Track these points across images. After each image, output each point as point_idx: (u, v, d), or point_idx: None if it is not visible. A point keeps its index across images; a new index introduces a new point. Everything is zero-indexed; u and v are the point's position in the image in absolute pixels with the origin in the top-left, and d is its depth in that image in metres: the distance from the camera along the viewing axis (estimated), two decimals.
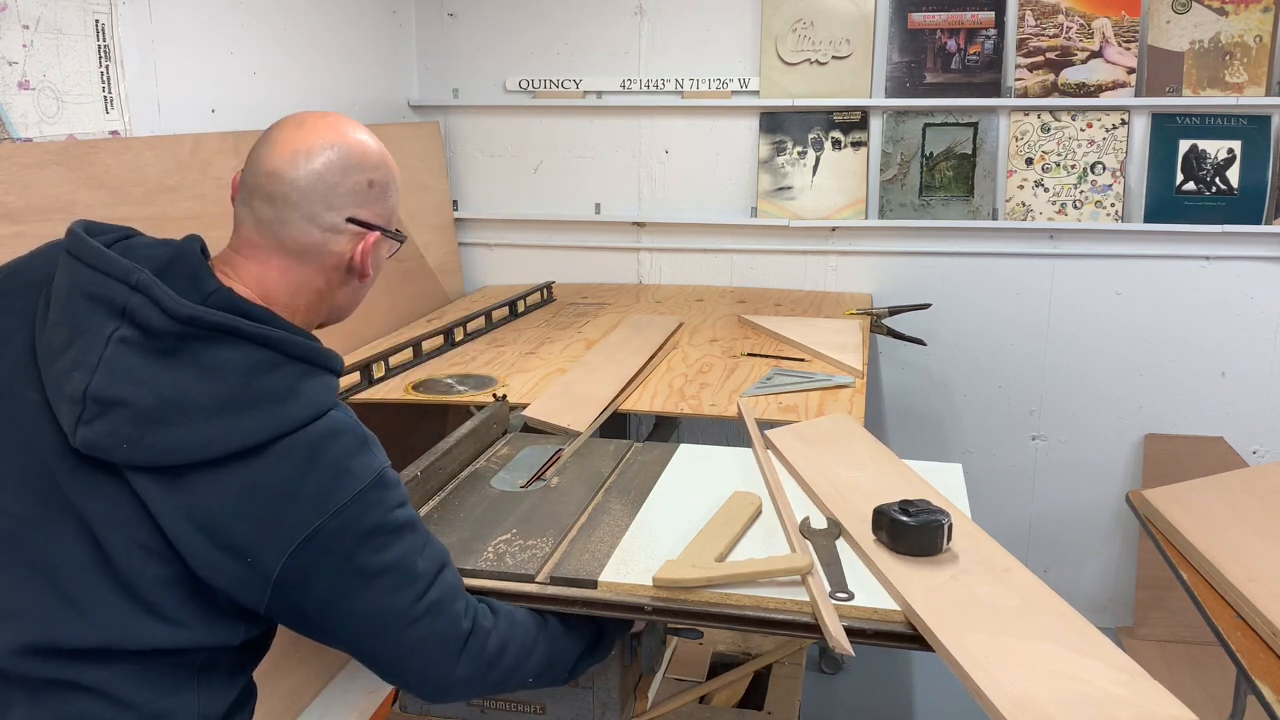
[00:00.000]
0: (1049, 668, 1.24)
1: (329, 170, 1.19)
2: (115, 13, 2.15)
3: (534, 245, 3.62)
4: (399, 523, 1.19)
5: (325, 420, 1.16)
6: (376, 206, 1.24)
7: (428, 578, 1.22)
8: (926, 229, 3.35)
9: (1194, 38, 3.11)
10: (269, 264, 1.20)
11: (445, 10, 3.53)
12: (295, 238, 1.19)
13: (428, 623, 1.22)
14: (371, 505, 1.16)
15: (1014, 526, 3.49)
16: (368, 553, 1.16)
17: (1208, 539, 1.84)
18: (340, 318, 1.34)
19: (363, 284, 1.29)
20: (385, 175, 1.25)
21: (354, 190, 1.21)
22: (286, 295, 1.22)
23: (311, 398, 1.16)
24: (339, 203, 1.20)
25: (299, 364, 1.16)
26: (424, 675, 1.25)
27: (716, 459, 1.93)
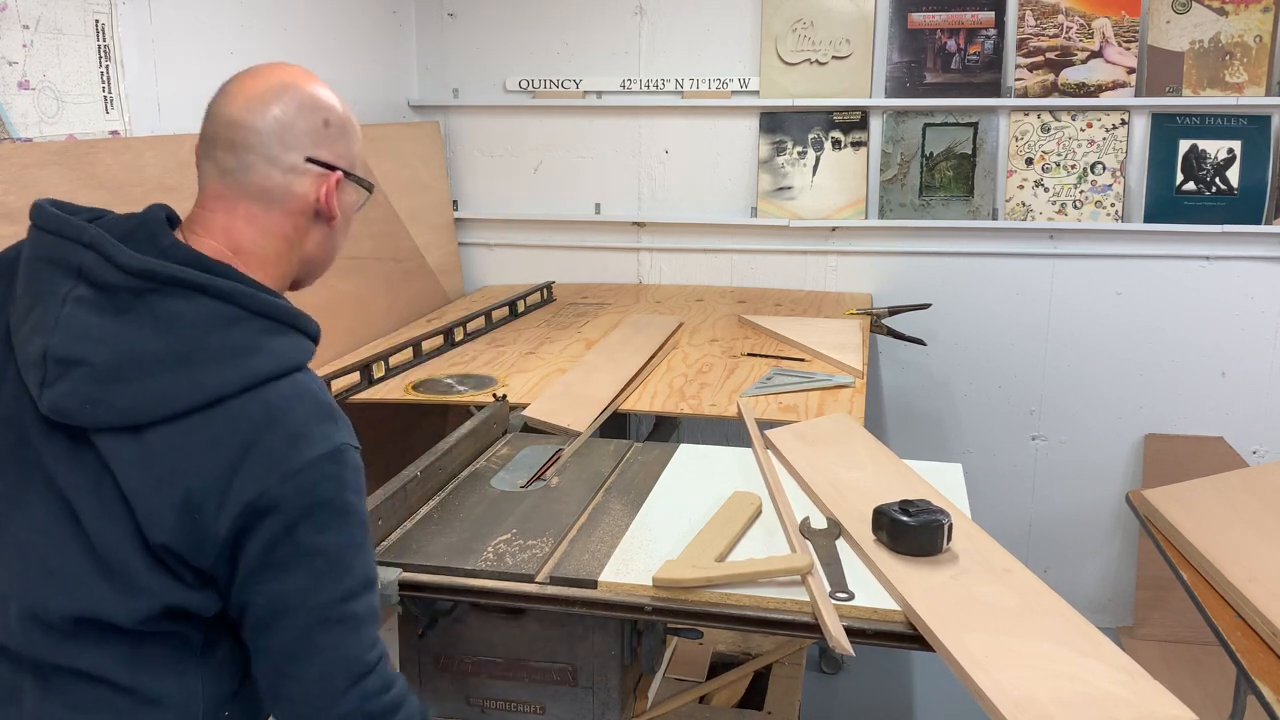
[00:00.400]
0: (1049, 668, 1.24)
1: (284, 112, 1.19)
2: (115, 13, 2.15)
3: (534, 245, 3.62)
4: (348, 507, 1.13)
5: (289, 381, 1.13)
6: (336, 147, 1.23)
7: (358, 582, 1.13)
8: (926, 229, 3.35)
9: (1194, 38, 3.11)
10: (235, 213, 1.19)
11: (445, 10, 3.53)
12: (258, 182, 1.18)
13: (338, 633, 1.12)
14: (326, 477, 1.11)
15: (1014, 526, 3.49)
16: (308, 528, 1.10)
17: (1208, 539, 1.84)
18: (315, 271, 1.30)
19: (332, 230, 1.26)
20: (341, 117, 1.24)
21: (310, 130, 1.20)
22: (254, 243, 1.20)
23: (276, 355, 1.13)
24: (296, 143, 1.19)
25: (262, 319, 1.14)
26: (306, 694, 1.12)
27: (716, 459, 1.93)
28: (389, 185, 3.15)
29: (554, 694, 1.60)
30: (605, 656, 1.57)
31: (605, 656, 1.57)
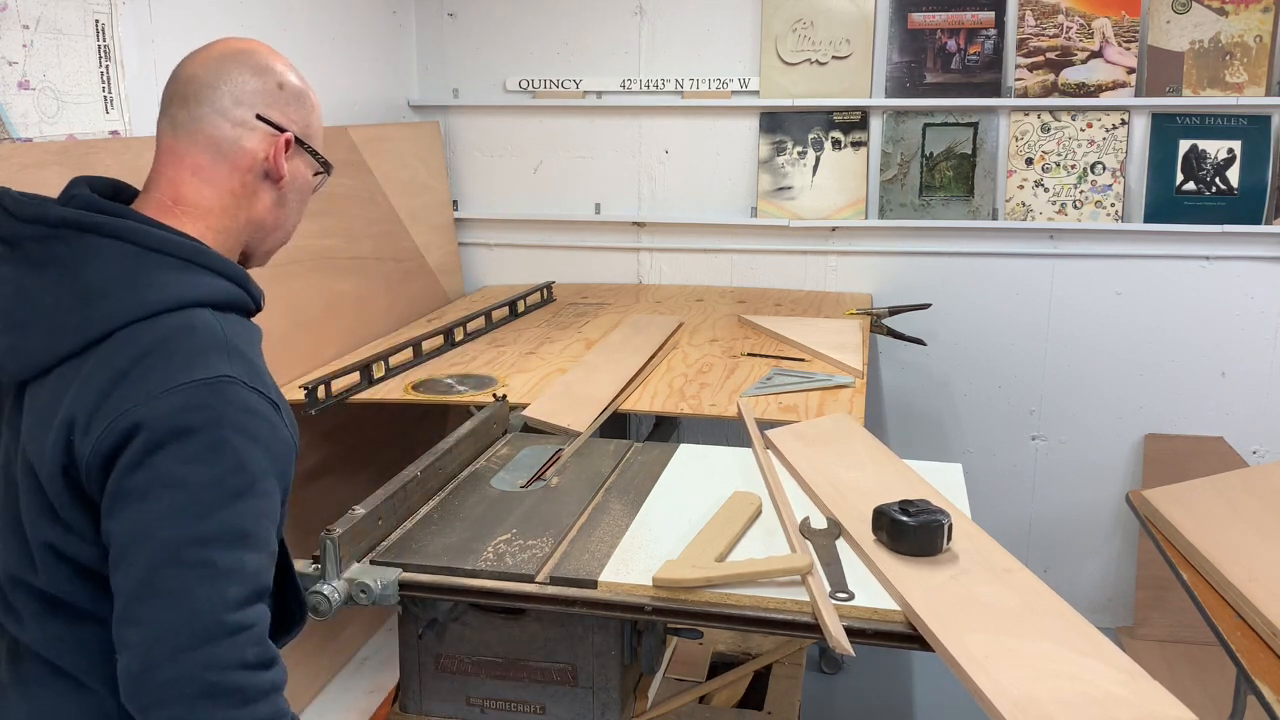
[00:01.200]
0: (1049, 668, 1.24)
1: (239, 69, 1.22)
2: (115, 13, 2.15)
3: (534, 245, 3.62)
4: (222, 444, 1.05)
5: (184, 314, 1.10)
6: (289, 111, 1.24)
7: (224, 530, 1.04)
8: (926, 229, 3.35)
9: (1194, 38, 3.11)
10: (182, 164, 1.20)
11: (445, 10, 3.53)
12: (208, 133, 1.20)
13: (189, 578, 1.02)
14: (198, 404, 1.05)
15: (1014, 526, 3.49)
16: (170, 455, 1.04)
17: (1208, 539, 1.84)
18: (265, 241, 1.28)
19: (281, 194, 1.25)
20: (297, 88, 1.25)
21: (264, 90, 1.22)
22: (197, 194, 1.20)
23: (171, 288, 1.11)
24: (248, 100, 1.21)
25: (160, 255, 1.13)
26: (145, 643, 1.01)
27: (716, 459, 1.93)
28: (389, 185, 3.15)
29: (554, 694, 1.60)
30: (605, 656, 1.58)
31: (605, 656, 1.58)
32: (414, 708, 1.66)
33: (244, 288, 1.19)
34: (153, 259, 1.12)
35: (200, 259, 1.15)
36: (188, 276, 1.13)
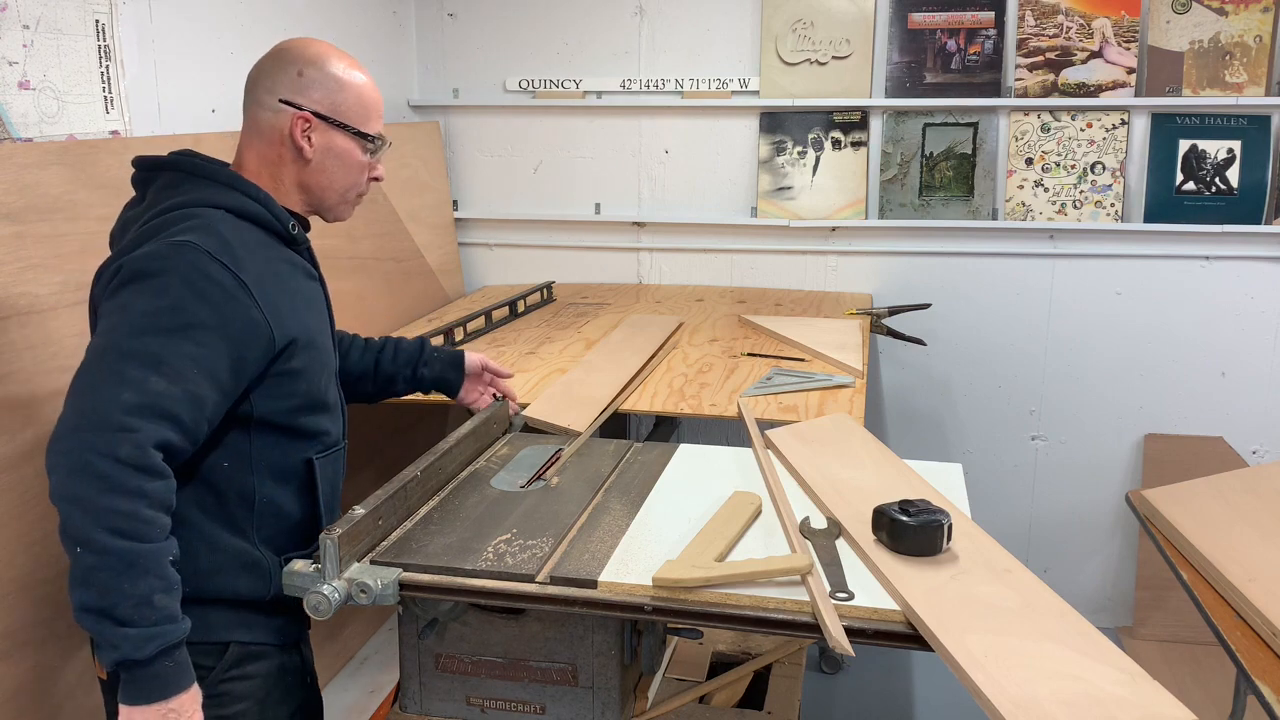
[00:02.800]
0: (1049, 668, 1.24)
1: (270, 64, 1.54)
2: (115, 13, 2.15)
3: (534, 245, 3.62)
4: (165, 286, 1.33)
5: (194, 209, 1.42)
6: (311, 93, 1.52)
7: (142, 350, 1.30)
8: (926, 229, 3.35)
9: (1194, 38, 3.11)
10: (246, 140, 1.56)
11: (445, 10, 3.53)
12: (253, 117, 1.54)
13: (96, 378, 1.29)
14: (160, 255, 1.35)
15: (1014, 526, 3.49)
16: (128, 289, 1.34)
17: (1208, 539, 1.84)
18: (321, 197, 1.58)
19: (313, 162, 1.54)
20: (317, 71, 1.52)
21: (286, 79, 1.52)
22: (250, 161, 1.55)
23: (200, 194, 1.44)
24: (275, 88, 1.52)
25: (200, 179, 1.47)
26: (60, 419, 1.27)
27: (716, 459, 1.93)
28: (389, 185, 3.15)
29: (554, 694, 1.60)
30: (605, 656, 1.58)
31: (605, 656, 1.58)
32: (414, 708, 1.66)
33: (266, 206, 1.49)
34: (193, 182, 1.47)
35: (231, 182, 1.49)
36: (216, 190, 1.46)
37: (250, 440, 1.48)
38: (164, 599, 1.27)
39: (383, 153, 1.62)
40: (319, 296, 1.63)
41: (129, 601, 1.24)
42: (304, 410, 1.53)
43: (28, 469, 1.79)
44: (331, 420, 1.62)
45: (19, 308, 1.80)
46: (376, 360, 1.91)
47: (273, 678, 1.55)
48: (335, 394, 1.65)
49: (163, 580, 1.27)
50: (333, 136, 1.54)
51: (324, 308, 1.64)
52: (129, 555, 1.24)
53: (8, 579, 1.76)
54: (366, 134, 1.57)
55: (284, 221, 1.52)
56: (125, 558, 1.24)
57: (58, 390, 1.82)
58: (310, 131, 1.52)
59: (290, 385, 1.49)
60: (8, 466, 1.76)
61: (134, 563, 1.24)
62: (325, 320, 1.63)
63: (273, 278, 1.47)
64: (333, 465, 1.62)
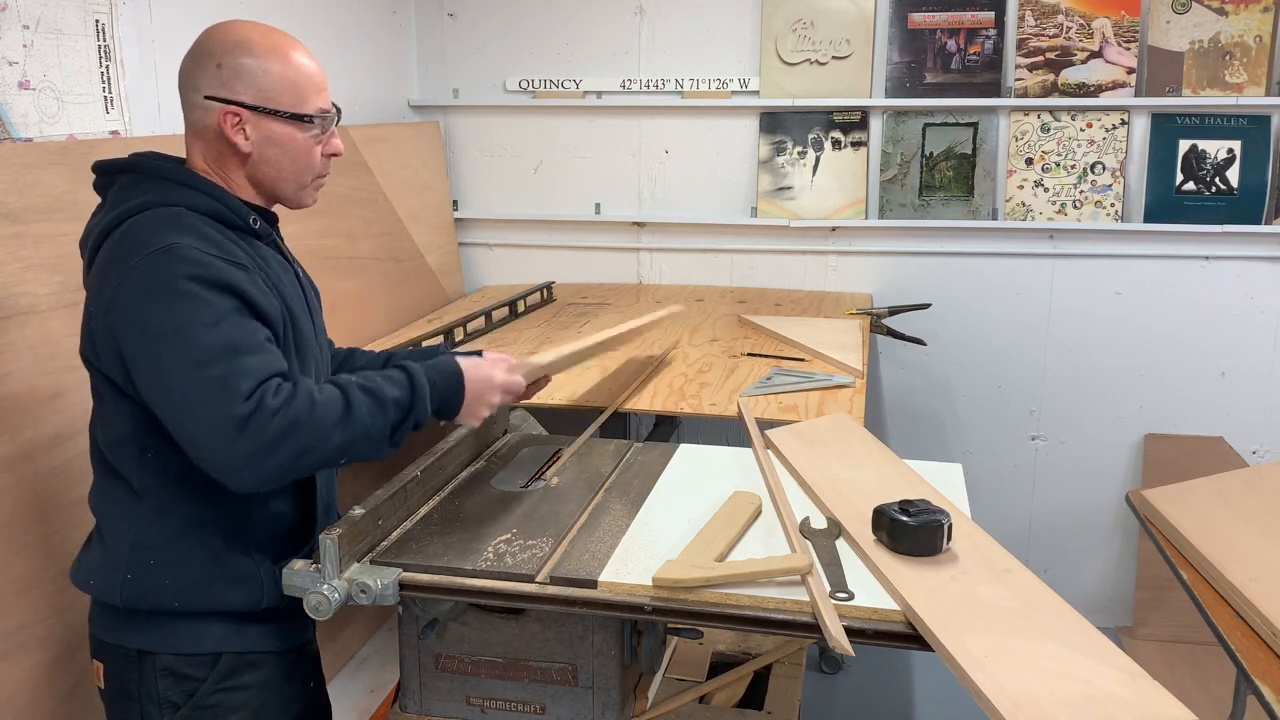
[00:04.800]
0: (1049, 668, 1.24)
1: (190, 62, 1.46)
2: (115, 13, 2.15)
3: (534, 245, 3.62)
4: (183, 291, 1.31)
5: (153, 209, 1.38)
6: (233, 84, 1.43)
7: (211, 351, 1.30)
8: (926, 229, 3.35)
9: (1194, 38, 3.11)
10: (189, 141, 1.50)
11: (445, 10, 3.53)
12: (188, 118, 1.48)
13: (202, 394, 1.29)
14: (154, 269, 1.32)
15: (1014, 526, 3.49)
16: (151, 312, 1.31)
17: (1208, 539, 1.84)
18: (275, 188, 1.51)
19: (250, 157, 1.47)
20: (237, 60, 1.44)
21: (206, 73, 1.44)
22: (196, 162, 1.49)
23: (154, 195, 1.40)
24: (200, 85, 1.44)
25: (155, 179, 1.43)
26: (209, 448, 1.31)
27: (716, 459, 1.93)
28: (389, 185, 3.15)
29: (554, 694, 1.60)
30: (605, 656, 1.57)
31: (605, 656, 1.57)
32: (414, 708, 1.65)
33: (222, 202, 1.44)
34: (149, 182, 1.43)
35: (187, 180, 1.44)
36: (172, 189, 1.42)
37: None
38: (393, 388, 1.43)
39: (332, 126, 1.54)
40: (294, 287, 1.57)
41: (392, 419, 1.42)
42: None
43: (27, 469, 1.78)
44: None
45: (19, 308, 1.80)
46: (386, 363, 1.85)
47: (270, 686, 1.52)
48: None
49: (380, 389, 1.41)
50: (268, 125, 1.45)
51: (301, 299, 1.58)
52: (355, 419, 1.37)
53: (7, 579, 1.76)
54: (302, 115, 1.48)
55: (242, 215, 1.47)
56: (357, 423, 1.37)
57: (57, 390, 1.82)
58: (243, 125, 1.44)
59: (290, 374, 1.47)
60: (7, 466, 1.76)
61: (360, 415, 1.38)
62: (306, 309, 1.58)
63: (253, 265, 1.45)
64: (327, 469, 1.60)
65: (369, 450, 1.42)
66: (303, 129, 1.48)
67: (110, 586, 1.44)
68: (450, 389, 1.53)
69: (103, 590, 1.46)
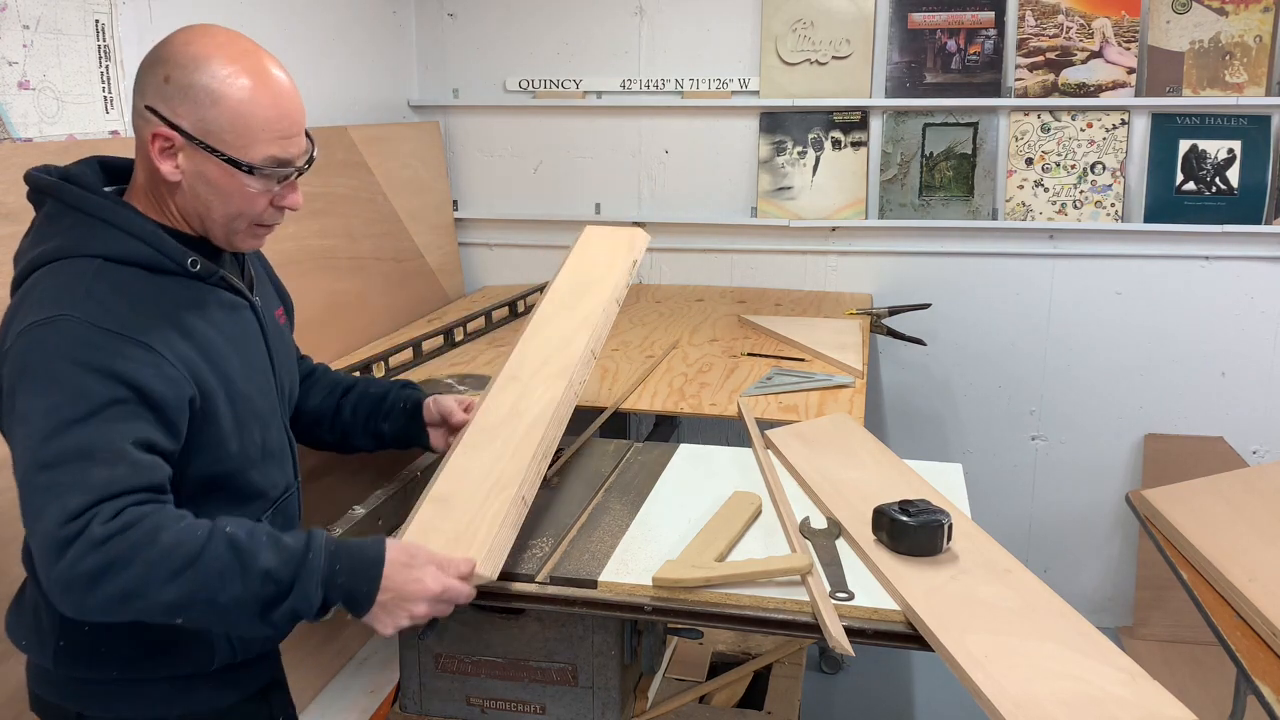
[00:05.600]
0: (1049, 668, 1.24)
1: (148, 59, 1.26)
2: (115, 13, 2.15)
3: (534, 245, 3.61)
4: (57, 375, 1.13)
5: (64, 261, 1.21)
6: (176, 105, 1.23)
7: (61, 453, 1.11)
8: (926, 229, 3.35)
9: (1194, 38, 3.11)
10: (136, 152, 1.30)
11: (445, 10, 3.53)
12: (133, 122, 1.28)
13: (37, 501, 1.11)
14: (34, 344, 1.15)
15: (1014, 526, 3.49)
16: (21, 391, 1.15)
17: (1208, 539, 1.84)
18: (202, 222, 1.30)
19: (179, 188, 1.26)
20: (188, 76, 1.23)
21: (154, 82, 1.24)
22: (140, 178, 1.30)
23: (71, 238, 1.23)
24: (145, 90, 1.25)
25: (77, 214, 1.25)
26: (39, 561, 1.11)
27: (716, 459, 1.93)
28: (389, 185, 3.15)
29: (554, 694, 1.60)
30: (605, 656, 1.57)
31: (605, 656, 1.57)
32: (414, 708, 1.65)
33: (153, 244, 1.25)
34: (71, 217, 1.25)
35: (112, 217, 1.24)
36: (91, 232, 1.23)
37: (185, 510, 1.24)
38: (271, 555, 1.15)
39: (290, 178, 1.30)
40: (245, 328, 1.37)
41: (253, 601, 1.14)
42: (244, 468, 1.33)
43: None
44: (279, 468, 1.42)
45: None
46: (338, 406, 1.65)
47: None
48: (278, 437, 1.42)
49: (254, 551, 1.14)
50: (203, 162, 1.24)
51: (256, 337, 1.39)
52: (200, 578, 1.12)
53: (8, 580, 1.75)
54: (239, 162, 1.24)
55: (178, 259, 1.26)
56: (202, 585, 1.12)
57: None
58: (175, 150, 1.24)
59: (220, 447, 1.28)
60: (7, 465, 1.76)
61: (208, 575, 1.12)
62: (255, 357, 1.38)
63: (174, 329, 1.23)
64: (284, 515, 1.44)
65: (224, 621, 1.17)
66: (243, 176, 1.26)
67: (43, 651, 1.32)
68: (359, 580, 1.20)
69: (36, 654, 1.34)
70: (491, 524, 1.35)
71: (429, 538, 1.32)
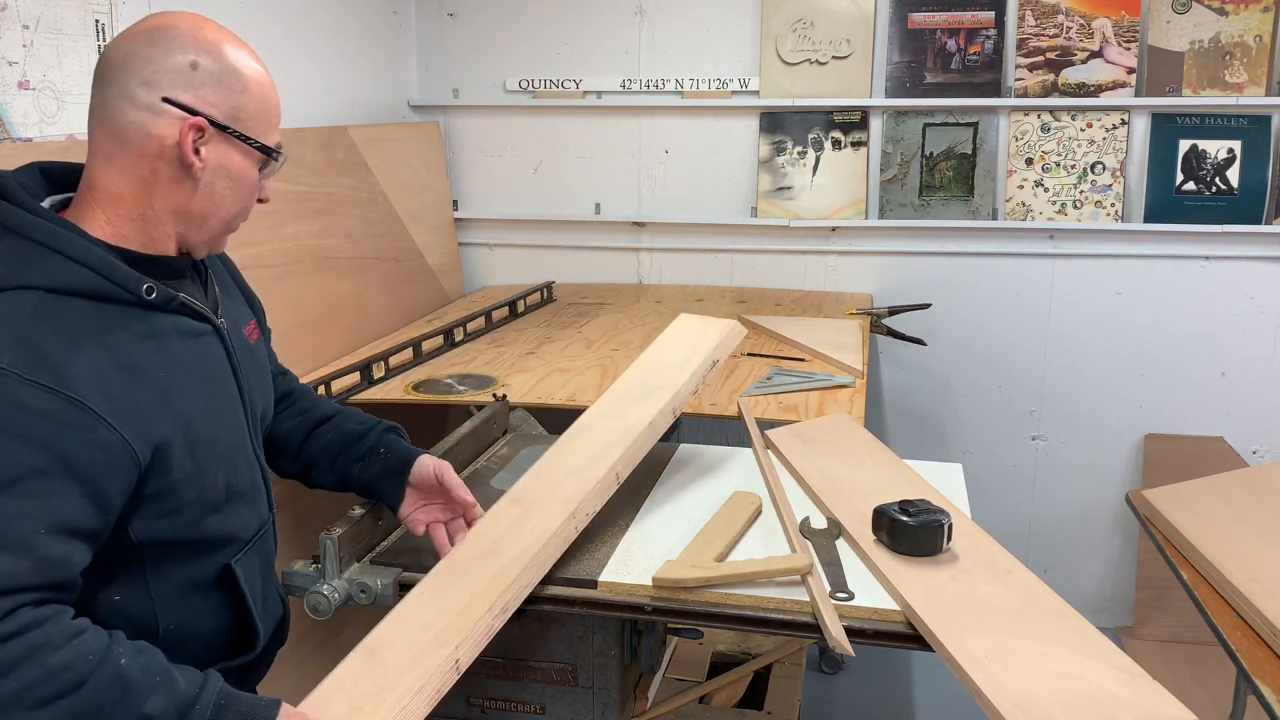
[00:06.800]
0: (1049, 668, 1.24)
1: (151, 48, 1.14)
2: (115, 13, 2.15)
3: (534, 245, 3.61)
4: None
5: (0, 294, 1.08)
6: (206, 93, 1.15)
7: None
8: (926, 229, 3.35)
9: (1194, 38, 3.11)
10: (97, 151, 1.16)
11: (445, 10, 3.53)
12: (115, 119, 1.14)
13: None
14: None
15: (1014, 526, 3.49)
16: None
17: (1208, 539, 1.84)
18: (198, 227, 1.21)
19: (198, 184, 1.18)
20: (219, 68, 1.16)
21: (174, 69, 1.14)
22: (109, 181, 1.16)
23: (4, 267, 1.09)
24: (157, 80, 1.13)
25: (15, 238, 1.11)
26: None
27: (716, 459, 1.93)
28: (389, 185, 3.15)
29: (554, 694, 1.60)
30: (605, 656, 1.58)
31: (605, 656, 1.58)
32: None
33: (102, 273, 1.12)
34: (10, 239, 1.10)
35: (53, 241, 1.10)
36: (30, 258, 1.09)
37: (144, 567, 1.18)
38: (159, 700, 1.04)
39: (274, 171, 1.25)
40: (209, 355, 1.25)
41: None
42: (205, 516, 1.22)
43: None
44: (249, 508, 1.31)
45: None
46: (308, 436, 1.53)
47: None
48: (247, 473, 1.31)
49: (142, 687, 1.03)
50: (227, 152, 1.18)
51: (220, 364, 1.28)
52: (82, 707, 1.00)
53: None
54: (270, 149, 1.22)
55: (132, 288, 1.14)
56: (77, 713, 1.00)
57: None
58: (201, 143, 1.16)
59: (175, 498, 1.17)
60: None
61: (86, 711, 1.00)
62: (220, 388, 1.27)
63: (121, 372, 1.11)
64: (260, 553, 1.35)
65: None
66: (260, 164, 1.23)
67: None
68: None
69: None
70: (403, 695, 1.20)
71: (334, 699, 1.20)
